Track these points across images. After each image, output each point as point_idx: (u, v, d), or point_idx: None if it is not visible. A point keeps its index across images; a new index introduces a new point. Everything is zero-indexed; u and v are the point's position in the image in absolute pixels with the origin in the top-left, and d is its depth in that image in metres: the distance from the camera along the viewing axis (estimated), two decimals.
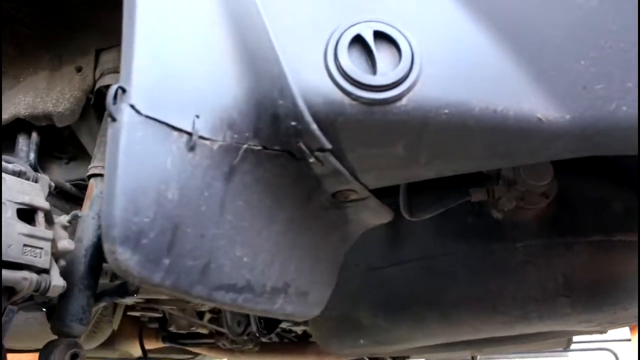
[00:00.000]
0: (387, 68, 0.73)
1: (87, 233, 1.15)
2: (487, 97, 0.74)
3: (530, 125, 0.76)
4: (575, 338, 5.44)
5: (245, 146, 0.74)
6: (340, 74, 0.72)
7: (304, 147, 0.74)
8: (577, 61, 0.78)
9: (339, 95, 0.72)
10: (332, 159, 0.76)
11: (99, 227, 1.16)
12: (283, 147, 0.75)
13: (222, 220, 0.72)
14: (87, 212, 1.19)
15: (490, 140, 0.77)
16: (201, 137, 0.70)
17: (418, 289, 1.36)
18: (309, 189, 0.81)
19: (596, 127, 0.78)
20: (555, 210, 1.34)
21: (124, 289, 1.44)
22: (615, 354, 5.22)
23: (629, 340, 5.22)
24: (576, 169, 1.45)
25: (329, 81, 0.72)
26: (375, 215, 0.94)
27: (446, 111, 0.73)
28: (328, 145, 0.74)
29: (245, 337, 2.07)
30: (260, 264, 0.77)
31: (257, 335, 1.86)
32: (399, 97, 0.72)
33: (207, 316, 2.23)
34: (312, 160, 0.76)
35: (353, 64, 0.73)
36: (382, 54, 0.74)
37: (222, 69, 0.74)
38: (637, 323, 1.59)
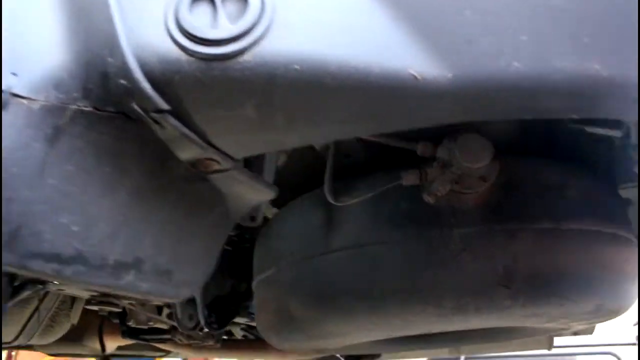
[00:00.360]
0: (230, 21, 0.65)
1: None
2: (346, 51, 0.66)
3: (403, 84, 0.67)
4: (578, 342, 5.38)
5: (73, 107, 0.66)
6: (179, 29, 0.65)
7: (137, 107, 0.67)
8: (459, 11, 0.69)
9: (175, 52, 0.65)
10: (173, 121, 0.69)
11: None
12: (117, 108, 0.68)
13: (40, 183, 0.64)
14: None
15: (354, 101, 0.68)
16: (17, 96, 0.63)
17: (347, 280, 1.27)
18: (158, 156, 0.73)
19: (484, 86, 0.69)
20: (499, 196, 1.25)
21: None
22: (619, 358, 5.07)
23: (635, 344, 5.09)
24: (528, 152, 1.36)
25: (166, 38, 0.66)
26: (253, 191, 0.86)
27: (296, 67, 0.65)
28: (164, 106, 0.67)
29: (201, 333, 1.99)
30: (97, 235, 0.69)
31: (207, 329, 1.79)
32: (240, 52, 0.64)
33: (166, 311, 2.16)
34: (150, 122, 0.68)
35: (196, 19, 0.66)
36: (230, 7, 0.67)
37: (48, 27, 0.67)
38: (597, 320, 1.49)
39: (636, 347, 5.08)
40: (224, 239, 0.92)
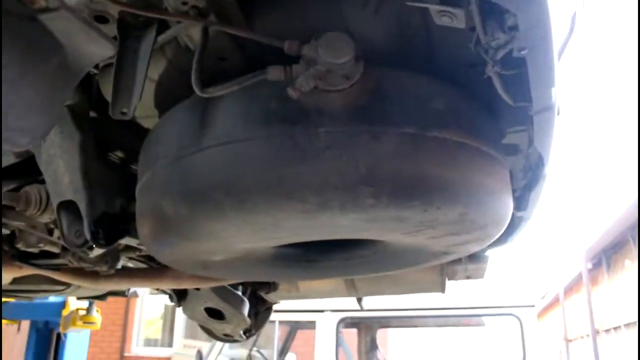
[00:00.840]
0: None
1: None
2: None
3: None
4: (484, 304, 5.63)
5: None
6: None
7: None
8: None
9: None
10: None
11: None
12: None
13: None
14: None
15: None
16: None
17: (216, 175, 1.30)
18: None
19: None
20: (366, 99, 1.30)
21: None
22: (519, 319, 5.35)
23: (532, 306, 5.38)
24: (401, 66, 1.41)
25: None
26: (90, 41, 0.87)
27: None
28: None
29: (90, 252, 1.98)
30: None
31: (94, 244, 1.78)
32: None
33: (57, 233, 2.13)
34: None
35: None
36: None
37: None
38: (465, 236, 1.57)
39: (532, 309, 5.39)
40: (66, 93, 0.92)
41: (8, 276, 2.57)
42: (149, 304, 12.31)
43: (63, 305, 6.08)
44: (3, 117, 0.80)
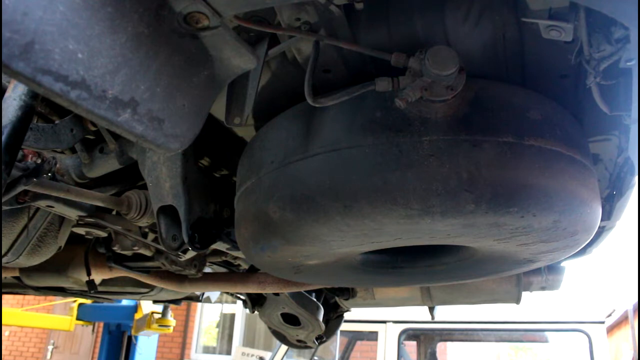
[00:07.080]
0: None
1: (7, 112, 1.17)
2: None
3: None
4: (548, 320, 5.52)
5: None
6: None
7: None
8: None
9: None
10: None
11: (19, 107, 1.19)
12: None
13: (52, 7, 0.73)
14: (10, 93, 1.21)
15: None
16: None
17: (323, 180, 1.36)
18: (155, 4, 0.82)
19: None
20: (467, 109, 1.35)
21: (37, 169, 1.46)
22: (588, 336, 5.22)
23: (602, 322, 5.24)
24: (495, 77, 1.46)
25: None
26: (238, 54, 0.95)
27: None
28: None
29: (183, 256, 2.08)
30: (99, 67, 0.78)
31: (190, 247, 1.87)
32: None
33: (151, 236, 2.24)
34: None
35: None
36: None
37: None
38: (556, 243, 1.59)
39: (603, 325, 5.24)
40: (210, 103, 1.00)
41: (98, 277, 2.70)
42: (206, 312, 12.52)
43: (135, 309, 6.29)
44: (160, 122, 0.88)
